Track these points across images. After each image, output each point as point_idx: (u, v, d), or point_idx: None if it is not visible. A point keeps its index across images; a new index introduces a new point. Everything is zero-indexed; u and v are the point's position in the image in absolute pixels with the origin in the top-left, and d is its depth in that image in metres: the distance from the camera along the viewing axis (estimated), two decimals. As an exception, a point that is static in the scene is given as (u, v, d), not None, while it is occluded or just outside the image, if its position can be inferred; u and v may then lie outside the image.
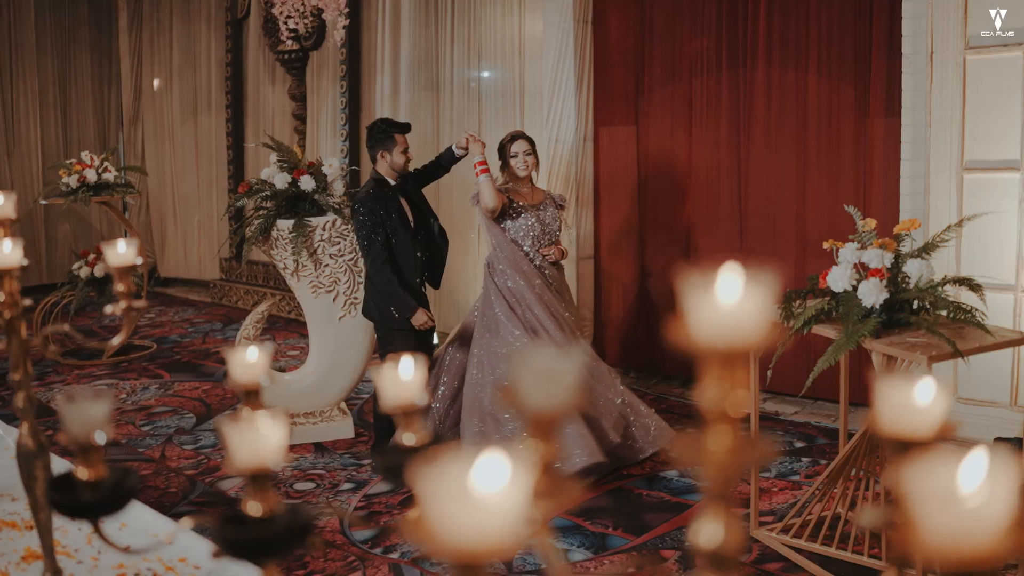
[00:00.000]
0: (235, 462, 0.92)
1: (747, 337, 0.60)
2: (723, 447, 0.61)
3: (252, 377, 1.25)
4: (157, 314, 9.31)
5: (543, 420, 0.73)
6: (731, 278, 0.61)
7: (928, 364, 2.96)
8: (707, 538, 0.62)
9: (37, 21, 10.32)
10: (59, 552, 2.16)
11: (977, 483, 0.51)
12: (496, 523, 0.54)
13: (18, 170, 10.33)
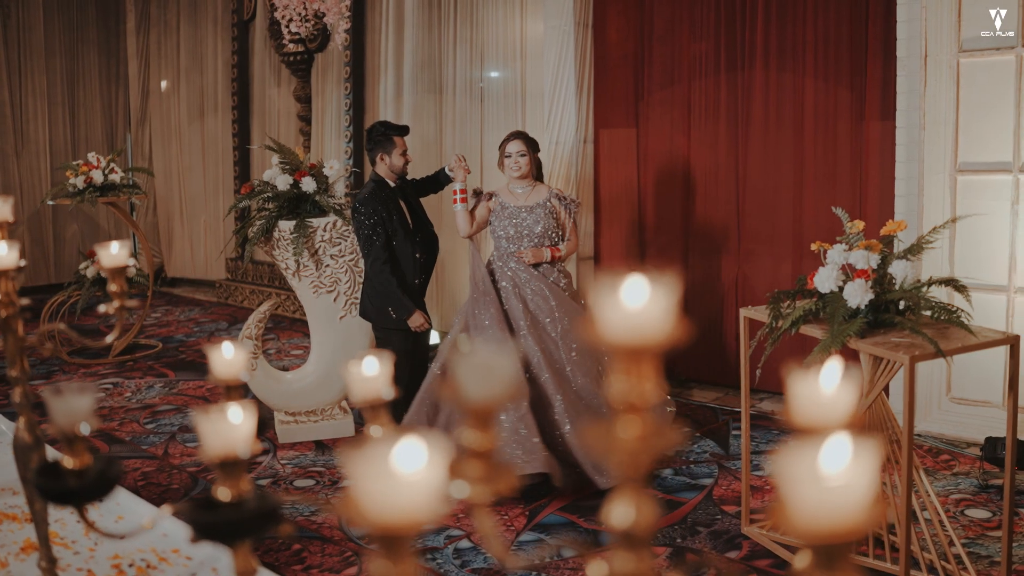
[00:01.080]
0: (206, 450, 0.98)
1: (651, 336, 0.66)
2: (632, 435, 0.67)
3: (231, 372, 1.32)
4: (163, 314, 9.40)
5: (480, 411, 0.80)
6: (637, 282, 0.66)
7: (910, 364, 3.01)
8: (619, 518, 0.68)
9: (46, 22, 10.43)
10: (57, 543, 2.24)
11: (840, 466, 0.58)
12: (414, 499, 0.60)
13: (26, 170, 10.45)
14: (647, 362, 0.67)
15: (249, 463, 1.39)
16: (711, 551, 3.88)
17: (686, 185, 6.27)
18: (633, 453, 0.67)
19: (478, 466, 0.82)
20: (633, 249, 6.58)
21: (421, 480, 0.59)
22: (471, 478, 0.82)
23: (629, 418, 0.67)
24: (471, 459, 0.82)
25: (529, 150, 4.86)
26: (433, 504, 0.60)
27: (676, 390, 6.22)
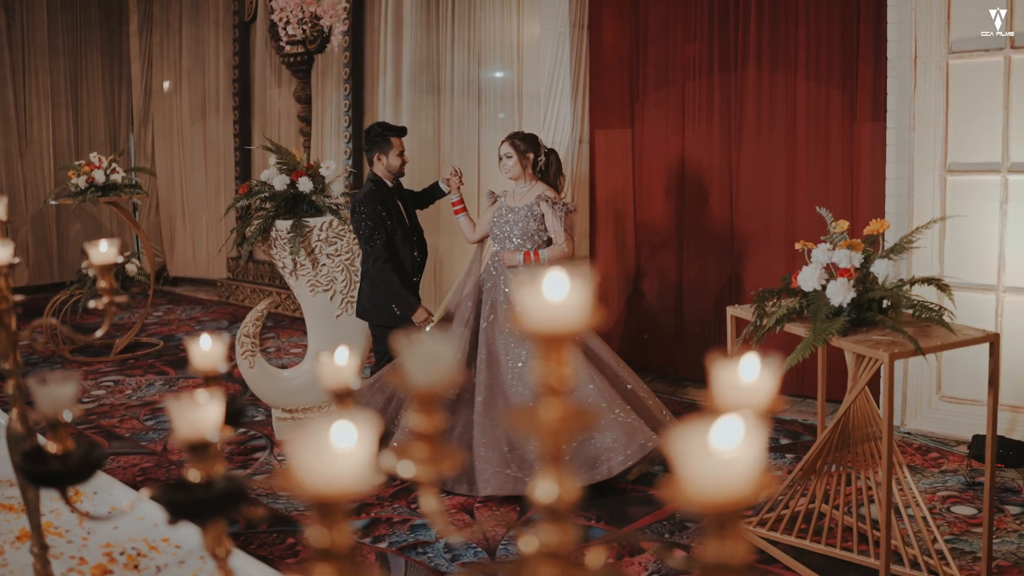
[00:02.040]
0: (178, 434, 1.04)
1: (569, 324, 0.72)
2: (552, 416, 0.73)
3: (210, 364, 1.38)
4: (165, 312, 9.48)
5: (425, 397, 0.86)
6: (557, 277, 0.72)
7: (889, 361, 3.07)
8: (543, 494, 0.74)
9: (50, 23, 10.51)
10: (52, 533, 2.31)
11: (732, 442, 0.64)
12: (346, 472, 0.66)
13: (30, 170, 10.53)
14: (565, 349, 0.73)
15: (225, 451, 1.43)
16: (698, 546, 3.93)
17: (680, 185, 6.32)
18: (553, 433, 0.73)
19: (423, 448, 0.88)
20: (628, 249, 6.64)
21: (353, 455, 0.66)
22: (417, 459, 0.88)
23: (549, 401, 0.73)
24: (417, 441, 0.89)
25: (516, 151, 4.84)
26: (363, 477, 0.66)
27: (671, 389, 6.28)
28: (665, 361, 6.53)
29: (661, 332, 6.54)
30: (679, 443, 0.64)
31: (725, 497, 0.63)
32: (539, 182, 4.89)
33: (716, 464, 0.63)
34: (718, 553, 0.64)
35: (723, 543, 0.64)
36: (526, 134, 4.94)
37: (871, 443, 3.61)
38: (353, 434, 0.66)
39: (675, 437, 0.64)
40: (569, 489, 0.75)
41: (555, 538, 0.75)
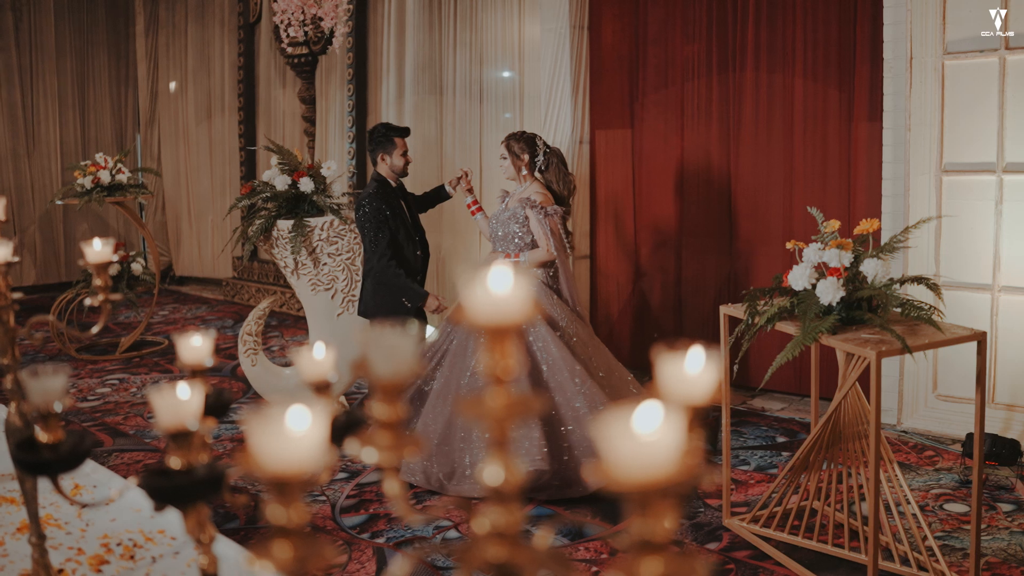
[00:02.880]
0: (160, 422, 1.10)
1: (511, 317, 0.77)
2: (498, 404, 0.78)
3: (198, 358, 1.44)
4: (170, 311, 9.56)
5: (387, 386, 0.91)
6: (501, 272, 0.77)
7: (876, 359, 3.11)
8: (491, 477, 0.79)
9: (57, 24, 10.60)
10: (52, 524, 2.37)
11: (653, 426, 0.69)
12: (302, 454, 0.71)
13: (38, 170, 10.62)
14: (510, 340, 0.78)
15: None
16: (692, 542, 3.98)
17: (679, 185, 6.37)
18: (499, 420, 0.78)
19: (386, 435, 0.94)
20: (628, 248, 6.69)
21: (307, 437, 0.71)
22: (380, 446, 0.94)
23: (496, 389, 0.78)
24: (381, 429, 0.94)
25: (510, 152, 4.88)
26: (316, 458, 0.71)
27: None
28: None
29: (660, 331, 6.58)
30: (604, 428, 0.69)
31: (646, 477, 0.68)
32: (535, 182, 4.89)
33: (638, 446, 0.68)
34: (642, 531, 0.69)
35: (647, 521, 0.69)
36: (523, 134, 4.94)
37: (862, 440, 3.65)
38: (307, 418, 0.71)
39: (601, 422, 0.69)
40: (515, 473, 0.80)
41: (502, 520, 0.81)
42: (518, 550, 0.80)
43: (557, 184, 4.88)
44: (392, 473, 0.95)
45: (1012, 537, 3.90)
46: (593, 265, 6.90)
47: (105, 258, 1.86)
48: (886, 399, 5.38)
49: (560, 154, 4.96)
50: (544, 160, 4.88)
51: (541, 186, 4.88)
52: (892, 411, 5.33)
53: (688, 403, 0.91)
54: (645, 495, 0.68)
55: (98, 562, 2.12)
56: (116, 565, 2.12)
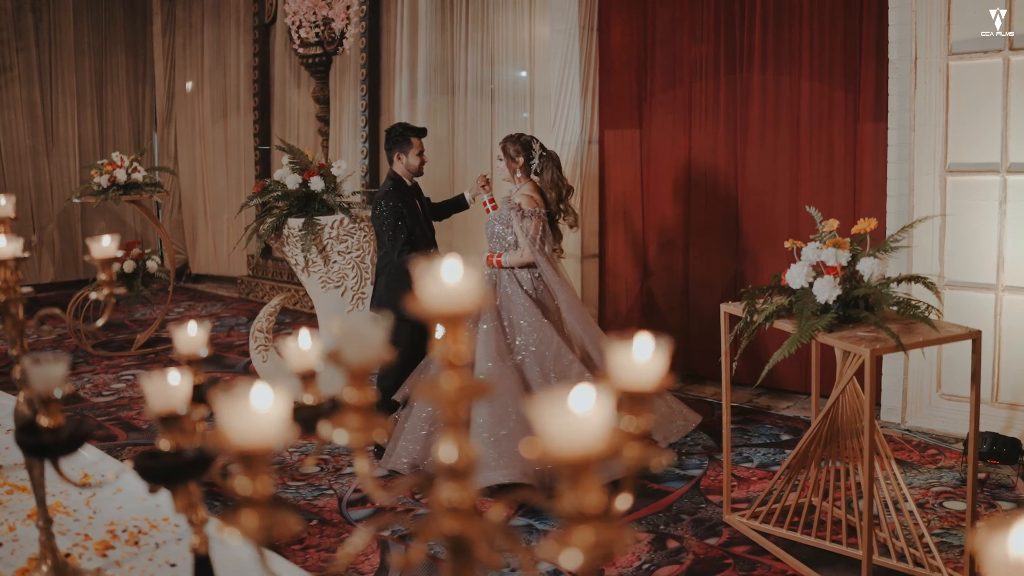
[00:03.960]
0: (151, 407, 1.17)
1: (462, 306, 0.83)
2: (452, 387, 0.84)
3: (193, 348, 1.51)
4: (186, 309, 9.67)
5: (356, 371, 0.98)
6: (452, 264, 0.84)
7: (871, 357, 3.16)
8: (446, 456, 0.86)
9: (76, 23, 10.74)
10: (60, 512, 2.45)
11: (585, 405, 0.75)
12: (265, 430, 0.78)
13: (56, 169, 10.76)
14: (461, 327, 0.84)
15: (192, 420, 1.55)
16: (692, 537, 4.04)
17: (687, 185, 6.41)
18: (452, 402, 0.85)
19: (356, 418, 1.00)
20: (637, 247, 6.74)
21: (271, 414, 0.78)
22: (350, 428, 1.00)
23: (449, 373, 0.85)
24: (350, 412, 1.01)
25: (505, 154, 4.91)
26: (279, 433, 0.78)
27: (677, 386, 6.36)
28: (671, 359, 6.60)
29: (668, 330, 6.62)
30: (542, 407, 0.75)
31: (578, 453, 0.74)
32: (528, 184, 4.91)
33: (571, 424, 0.74)
34: (574, 503, 0.75)
35: (578, 493, 0.75)
36: (520, 137, 4.97)
37: (860, 437, 3.69)
38: (270, 396, 0.78)
39: (538, 402, 0.75)
40: (467, 452, 0.87)
41: (456, 495, 0.87)
42: (471, 523, 0.87)
43: (551, 187, 4.92)
44: (361, 452, 1.01)
45: (1010, 534, 3.93)
46: (602, 264, 6.96)
47: (110, 254, 1.93)
48: (890, 398, 5.42)
49: (556, 158, 4.97)
50: (539, 163, 4.90)
51: (532, 188, 4.89)
52: (896, 410, 5.36)
53: (636, 388, 0.98)
54: (576, 469, 0.74)
55: (104, 547, 2.20)
56: (121, 550, 2.20)
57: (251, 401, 0.78)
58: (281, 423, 0.78)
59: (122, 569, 2.10)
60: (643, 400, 0.98)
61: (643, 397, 0.98)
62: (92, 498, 2.53)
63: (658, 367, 0.97)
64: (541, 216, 4.81)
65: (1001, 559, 0.64)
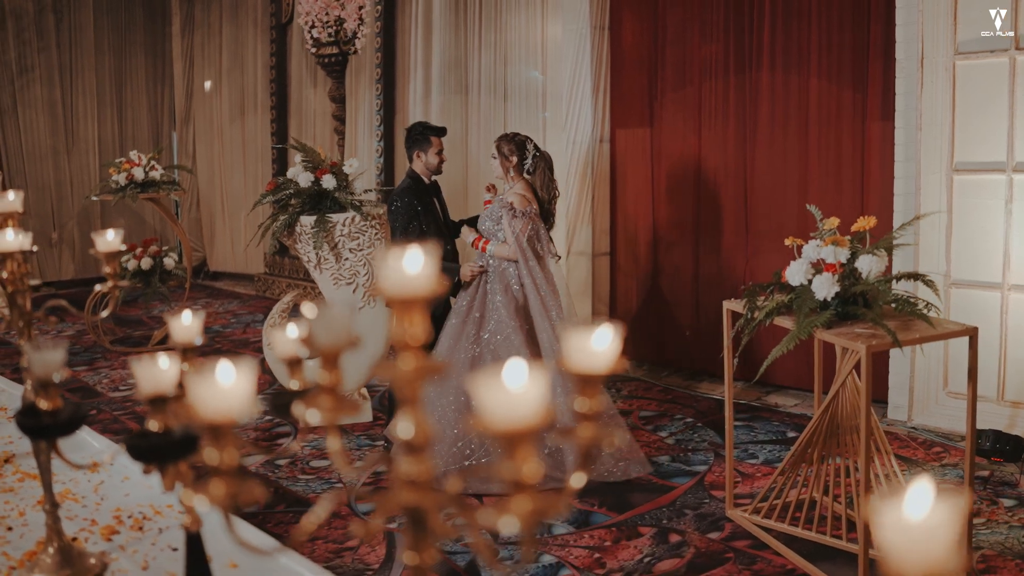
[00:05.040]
0: (141, 389, 1.24)
1: (418, 291, 0.89)
2: (408, 367, 0.90)
3: (187, 336, 1.57)
4: (203, 306, 9.79)
5: (328, 354, 1.04)
6: (413, 254, 0.90)
7: (867, 353, 3.19)
8: (403, 432, 0.92)
9: (96, 23, 10.89)
10: (69, 498, 2.53)
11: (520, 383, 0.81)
12: (230, 404, 0.84)
13: (76, 167, 10.91)
14: (417, 311, 0.90)
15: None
16: (694, 531, 4.08)
17: (697, 183, 6.45)
18: (408, 382, 0.91)
19: (327, 399, 1.06)
20: (647, 245, 6.78)
21: (235, 389, 0.84)
22: (322, 408, 1.07)
23: (405, 355, 0.91)
24: (322, 393, 1.07)
25: (498, 152, 4.96)
26: (242, 407, 0.84)
27: (686, 383, 6.41)
28: (681, 356, 6.66)
29: (677, 327, 6.67)
30: (483, 383, 0.81)
31: (515, 426, 0.80)
32: (521, 183, 4.95)
33: (508, 399, 0.80)
34: (511, 472, 0.81)
35: (515, 464, 0.81)
36: (515, 136, 5.01)
37: (850, 434, 3.73)
38: (233, 373, 0.84)
39: (478, 379, 0.81)
40: (424, 429, 0.93)
41: (413, 468, 0.93)
42: (427, 495, 0.93)
43: (542, 188, 4.98)
44: (334, 431, 1.08)
45: (1011, 531, 3.96)
46: (613, 262, 7.01)
47: (114, 247, 2.01)
48: (897, 396, 5.44)
49: (549, 159, 5.02)
50: (532, 163, 4.95)
51: (525, 187, 4.94)
52: (903, 408, 5.38)
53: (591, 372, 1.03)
54: (513, 440, 0.80)
55: (109, 532, 2.27)
56: (126, 535, 2.27)
57: (216, 377, 0.84)
58: (245, 398, 0.84)
59: (126, 553, 2.18)
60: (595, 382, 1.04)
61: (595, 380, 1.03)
62: (100, 485, 2.61)
63: (610, 353, 1.03)
64: (532, 216, 4.86)
65: (895, 524, 0.69)
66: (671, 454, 5.06)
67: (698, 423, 5.55)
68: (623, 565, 3.79)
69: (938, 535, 0.69)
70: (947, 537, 0.69)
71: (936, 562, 0.69)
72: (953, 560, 0.68)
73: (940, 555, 0.69)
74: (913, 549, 0.69)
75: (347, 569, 3.80)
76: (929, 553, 0.69)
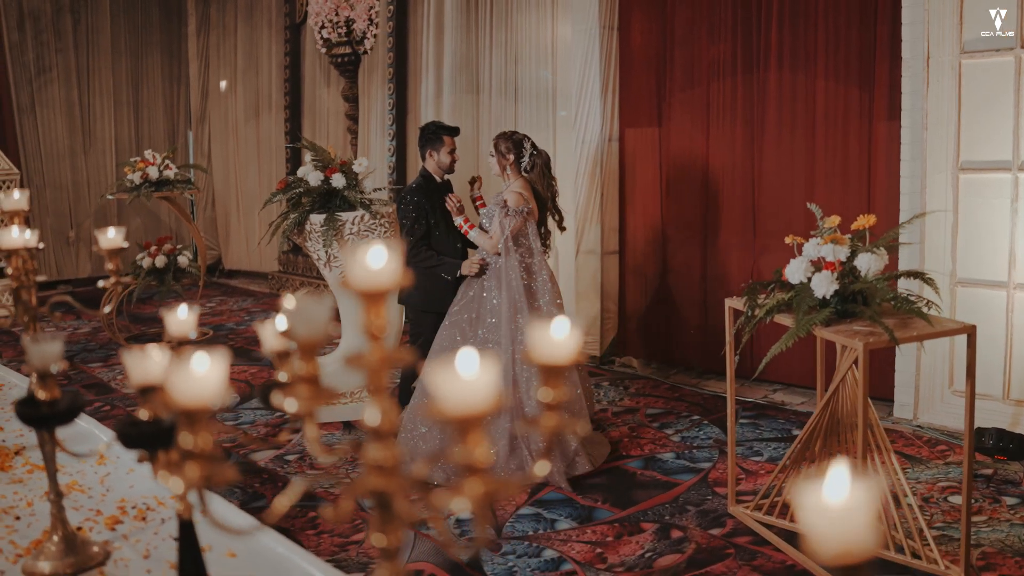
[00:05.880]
0: (131, 379, 1.29)
1: (382, 284, 0.94)
2: (374, 357, 0.95)
3: (183, 330, 1.63)
4: (218, 303, 9.89)
5: (307, 344, 1.09)
6: (377, 250, 0.94)
7: (864, 350, 3.22)
8: (371, 419, 0.97)
9: (113, 24, 11.00)
10: (77, 490, 2.60)
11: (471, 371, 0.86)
12: (204, 391, 0.89)
13: (93, 167, 11.03)
14: (382, 303, 0.95)
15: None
16: (695, 527, 4.12)
17: (705, 182, 6.48)
18: (375, 371, 0.96)
19: (304, 388, 1.11)
20: (655, 243, 6.82)
21: (209, 377, 0.89)
22: (300, 397, 1.12)
23: (373, 344, 0.95)
24: (299, 383, 1.12)
25: (496, 150, 5.02)
26: (216, 393, 0.89)
27: (694, 381, 6.44)
28: (689, 354, 6.69)
29: (686, 326, 6.70)
30: (436, 371, 0.85)
31: (465, 412, 0.85)
32: (520, 180, 4.99)
33: (459, 387, 0.85)
34: (463, 456, 0.86)
35: (467, 448, 0.85)
36: (512, 135, 5.06)
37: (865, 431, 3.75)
38: (206, 361, 0.89)
39: (432, 367, 0.86)
40: (391, 416, 0.97)
41: (380, 454, 0.98)
42: (393, 480, 0.97)
43: (540, 186, 5.02)
44: (309, 419, 1.13)
45: (1012, 529, 3.98)
46: (622, 260, 7.04)
47: (117, 245, 2.06)
48: (903, 394, 5.46)
49: (547, 157, 5.06)
50: (529, 162, 4.99)
51: (523, 185, 4.97)
52: (908, 406, 5.40)
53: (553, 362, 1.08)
54: (464, 425, 0.85)
55: (113, 522, 2.33)
56: (129, 525, 2.33)
57: (191, 365, 0.89)
58: (218, 385, 0.89)
59: (128, 542, 2.24)
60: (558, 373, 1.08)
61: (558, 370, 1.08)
62: (107, 477, 2.67)
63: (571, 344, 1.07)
64: (525, 216, 4.90)
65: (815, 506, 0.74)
66: (676, 451, 5.09)
67: (704, 421, 5.58)
68: (624, 560, 3.83)
69: (855, 516, 0.73)
70: (863, 518, 0.73)
71: (853, 541, 0.73)
72: (869, 539, 0.73)
73: (857, 534, 0.73)
74: (832, 529, 0.74)
75: (352, 562, 3.86)
76: (846, 533, 0.73)
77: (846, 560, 0.73)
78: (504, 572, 3.76)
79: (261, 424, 5.69)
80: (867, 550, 0.73)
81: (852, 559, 0.73)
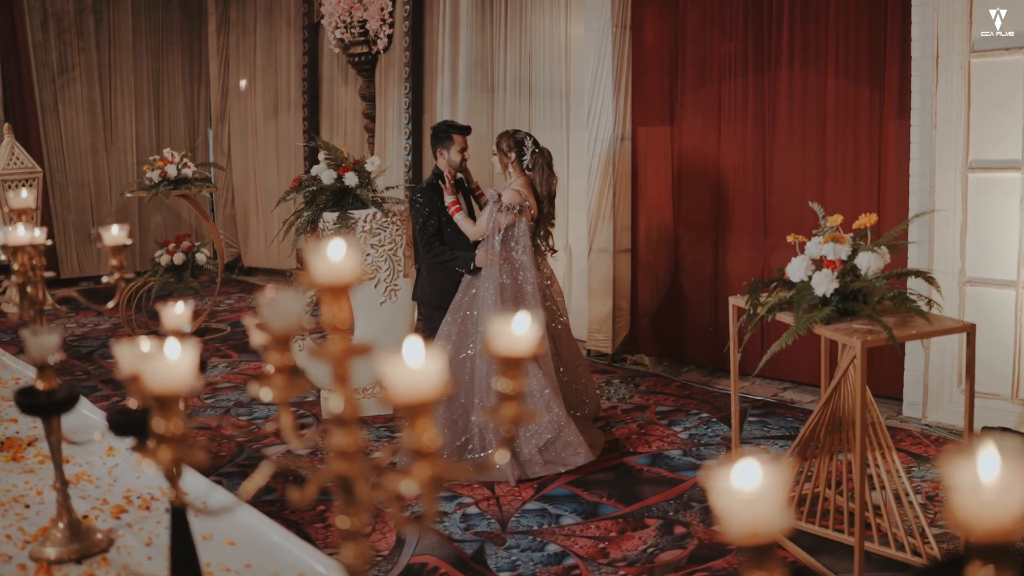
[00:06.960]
0: (121, 371, 1.35)
1: (344, 276, 1.00)
2: (338, 349, 1.01)
3: (177, 323, 1.69)
4: (236, 300, 10.00)
5: (279, 337, 1.15)
6: (337, 246, 1.00)
7: (862, 348, 3.25)
8: (334, 407, 1.02)
9: (134, 24, 11.14)
10: (85, 480, 2.67)
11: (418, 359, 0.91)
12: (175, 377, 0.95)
13: (115, 165, 11.18)
14: (345, 297, 1.01)
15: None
16: (699, 524, 4.15)
17: (717, 181, 6.51)
18: (339, 362, 1.01)
19: (280, 379, 1.17)
20: (667, 242, 6.85)
21: (180, 365, 0.95)
22: (275, 387, 1.17)
23: (335, 337, 1.01)
24: (276, 374, 1.18)
25: (498, 148, 5.11)
26: (187, 380, 0.95)
27: (705, 379, 6.46)
28: (700, 352, 6.71)
29: (697, 324, 6.73)
30: (385, 361, 0.91)
31: (416, 398, 0.90)
32: (520, 179, 5.05)
33: (407, 374, 0.90)
34: (412, 440, 0.91)
35: (416, 433, 0.91)
36: (514, 134, 5.12)
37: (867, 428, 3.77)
38: (179, 348, 0.95)
39: (385, 358, 0.91)
40: (353, 404, 1.03)
41: (344, 441, 1.03)
42: (355, 465, 1.03)
43: (540, 184, 5.07)
44: (285, 408, 1.18)
45: (1015, 527, 3.98)
46: (634, 258, 7.07)
47: (120, 241, 2.13)
48: (911, 393, 5.46)
49: (548, 156, 5.11)
50: (531, 160, 5.05)
51: (524, 183, 5.04)
52: (917, 405, 5.40)
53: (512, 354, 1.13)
54: (413, 412, 0.90)
55: (118, 511, 2.41)
56: (133, 514, 2.40)
57: (164, 352, 0.95)
58: (189, 373, 0.95)
59: (132, 530, 2.31)
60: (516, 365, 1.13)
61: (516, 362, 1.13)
62: (115, 468, 2.75)
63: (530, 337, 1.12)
64: (517, 215, 4.96)
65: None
66: (683, 448, 5.13)
67: (713, 419, 5.61)
68: (626, 555, 3.87)
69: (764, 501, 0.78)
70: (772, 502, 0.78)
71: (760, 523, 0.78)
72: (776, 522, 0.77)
73: (764, 517, 0.78)
74: (742, 513, 0.78)
75: (358, 555, 3.92)
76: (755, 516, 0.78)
77: (754, 541, 0.78)
78: (507, 566, 3.81)
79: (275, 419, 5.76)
80: (774, 532, 0.78)
81: (760, 540, 0.78)
